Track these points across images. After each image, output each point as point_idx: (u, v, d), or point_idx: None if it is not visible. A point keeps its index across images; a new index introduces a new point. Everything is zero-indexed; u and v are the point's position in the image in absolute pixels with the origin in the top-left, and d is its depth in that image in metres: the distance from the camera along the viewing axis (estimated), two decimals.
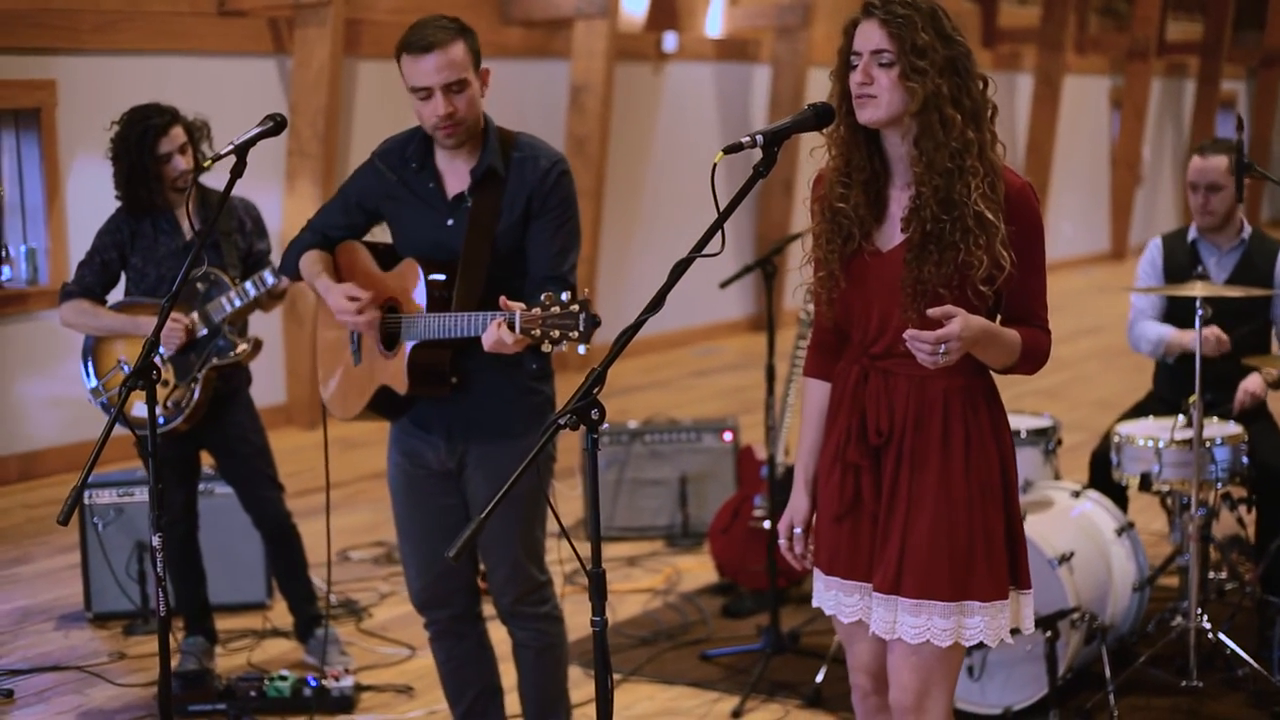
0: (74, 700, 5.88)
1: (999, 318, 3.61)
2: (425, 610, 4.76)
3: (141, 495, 6.65)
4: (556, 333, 3.95)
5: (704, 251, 3.28)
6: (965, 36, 3.51)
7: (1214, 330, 5.77)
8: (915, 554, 3.56)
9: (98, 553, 6.65)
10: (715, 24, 14.88)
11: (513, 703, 4.90)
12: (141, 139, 5.74)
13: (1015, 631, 3.70)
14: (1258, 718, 5.41)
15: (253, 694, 5.62)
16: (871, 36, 3.47)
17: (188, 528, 6.05)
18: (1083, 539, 5.55)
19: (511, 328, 4.04)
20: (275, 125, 4.24)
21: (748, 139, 3.36)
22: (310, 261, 4.67)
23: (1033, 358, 3.59)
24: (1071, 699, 5.42)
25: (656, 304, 3.25)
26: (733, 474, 7.64)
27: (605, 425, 3.35)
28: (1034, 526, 5.34)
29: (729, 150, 3.32)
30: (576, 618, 6.53)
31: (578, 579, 7.13)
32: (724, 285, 6.41)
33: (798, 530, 3.83)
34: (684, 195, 13.81)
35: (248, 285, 5.70)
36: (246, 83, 10.59)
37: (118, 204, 5.88)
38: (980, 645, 5.19)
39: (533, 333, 3.97)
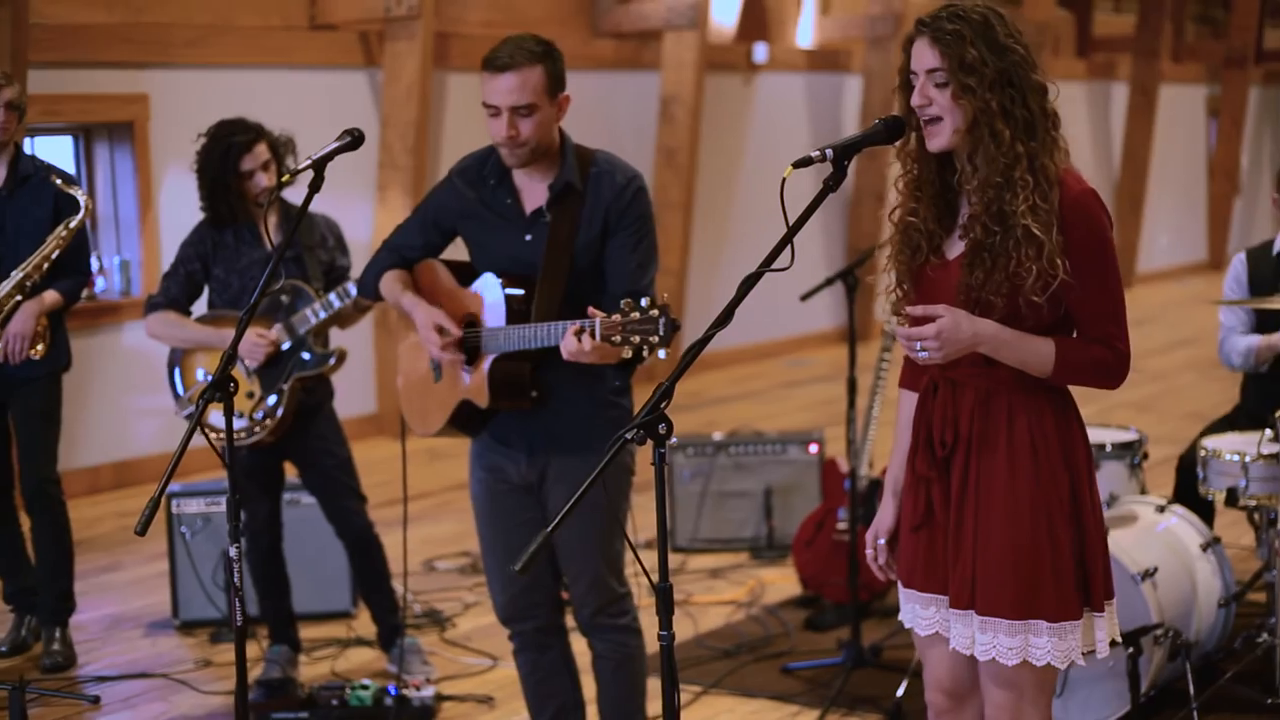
0: (159, 707, 5.95)
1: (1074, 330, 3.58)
2: (509, 623, 4.79)
3: None
4: (637, 338, 3.96)
5: (774, 266, 3.28)
6: (1024, 41, 3.46)
7: None
8: (984, 570, 3.53)
9: (185, 561, 6.72)
10: (806, 34, 14.86)
11: (594, 715, 4.90)
12: (225, 155, 5.81)
13: (1091, 653, 3.65)
14: None
15: (334, 702, 5.66)
16: (925, 55, 3.46)
17: (272, 538, 6.10)
18: (1167, 554, 5.49)
19: (591, 335, 4.06)
20: (353, 140, 4.29)
21: (817, 153, 3.37)
22: (391, 281, 4.72)
23: (1079, 371, 3.51)
24: (1155, 717, 5.36)
25: (724, 319, 3.25)
26: (818, 486, 7.61)
27: (674, 440, 3.34)
28: (1117, 541, 5.29)
29: (799, 165, 3.33)
30: (656, 630, 6.51)
31: None
32: (805, 298, 6.39)
33: (881, 541, 3.82)
34: (774, 206, 13.56)
35: (332, 297, 5.75)
36: (337, 96, 10.68)
37: (201, 215, 5.96)
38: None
39: (613, 339, 3.98)
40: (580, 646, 4.82)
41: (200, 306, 6.02)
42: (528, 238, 4.51)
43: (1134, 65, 18.96)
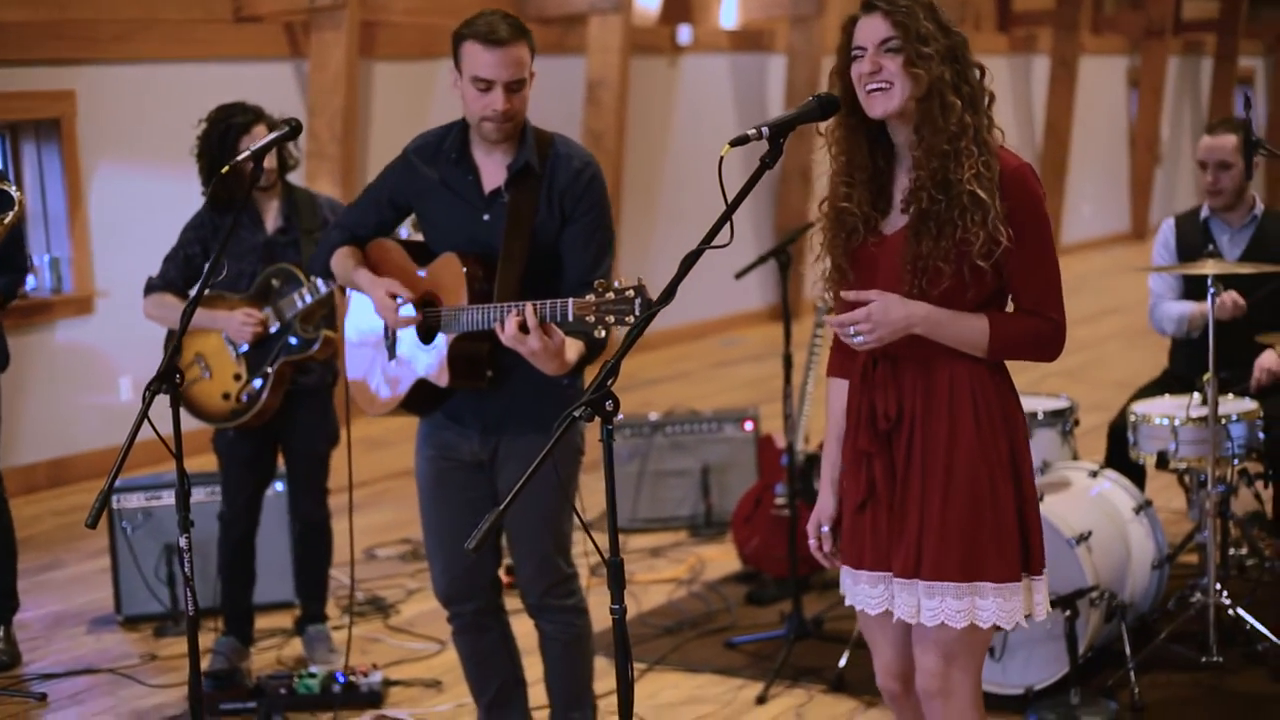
0: (107, 702, 5.96)
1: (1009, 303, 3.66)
2: (450, 604, 4.81)
3: (169, 498, 6.72)
4: (611, 317, 3.93)
5: (713, 243, 3.33)
6: (960, 29, 3.58)
7: (1231, 294, 5.82)
8: (930, 537, 3.60)
9: (127, 556, 6.73)
10: (730, 15, 14.92)
11: (537, 694, 4.95)
12: (224, 137, 5.76)
13: (1029, 618, 3.73)
14: (1278, 692, 5.45)
15: (283, 691, 5.69)
16: (876, 28, 3.53)
17: (246, 528, 6.10)
18: (1101, 518, 5.58)
19: (540, 315, 4.08)
20: (291, 130, 4.33)
21: (753, 131, 3.42)
22: (342, 258, 4.70)
23: (1015, 344, 3.59)
24: (1093, 677, 5.46)
25: (667, 297, 3.29)
26: (754, 463, 7.69)
27: (620, 417, 3.39)
28: (1051, 507, 5.38)
29: (735, 143, 3.37)
30: (601, 609, 6.56)
31: (602, 571, 7.19)
32: (739, 276, 6.46)
33: (825, 529, 3.88)
34: (702, 187, 13.84)
35: (320, 282, 5.71)
36: (264, 87, 10.58)
37: (202, 200, 5.94)
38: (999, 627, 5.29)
39: (587, 319, 3.96)
40: (524, 628, 4.86)
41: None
42: (485, 218, 4.51)
43: (1054, 38, 19.12)
